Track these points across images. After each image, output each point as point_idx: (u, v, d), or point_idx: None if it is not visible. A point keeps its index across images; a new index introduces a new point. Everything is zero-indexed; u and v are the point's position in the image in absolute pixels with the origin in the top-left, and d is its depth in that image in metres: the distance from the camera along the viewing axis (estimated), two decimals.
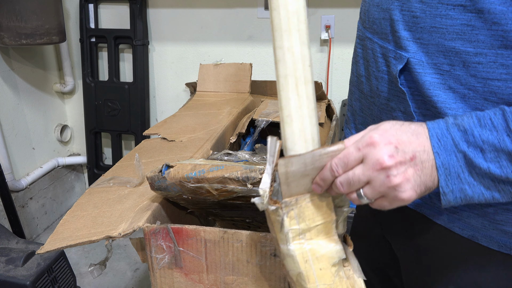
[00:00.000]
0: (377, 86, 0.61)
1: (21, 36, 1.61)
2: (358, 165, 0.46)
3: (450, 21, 0.49)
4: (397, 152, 0.45)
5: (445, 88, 0.52)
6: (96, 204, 0.82)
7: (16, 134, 1.88)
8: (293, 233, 0.51)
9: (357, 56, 0.67)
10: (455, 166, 0.46)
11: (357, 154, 0.46)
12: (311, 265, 0.51)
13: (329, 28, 1.77)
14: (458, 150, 0.45)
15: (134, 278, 1.73)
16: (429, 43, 0.51)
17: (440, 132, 0.46)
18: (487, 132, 0.45)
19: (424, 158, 0.46)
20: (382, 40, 0.58)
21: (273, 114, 1.18)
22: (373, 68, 0.61)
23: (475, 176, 0.46)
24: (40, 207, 2.03)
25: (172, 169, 0.71)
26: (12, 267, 1.23)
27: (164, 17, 1.94)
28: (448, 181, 0.46)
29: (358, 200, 0.48)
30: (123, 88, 1.96)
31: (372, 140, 0.46)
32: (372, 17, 0.60)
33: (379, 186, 0.46)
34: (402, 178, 0.45)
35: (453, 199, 0.47)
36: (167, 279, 0.72)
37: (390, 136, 0.46)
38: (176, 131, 1.12)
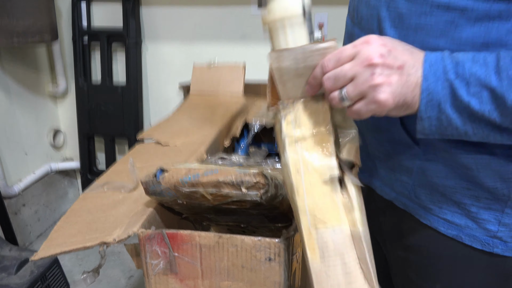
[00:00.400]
0: None
1: (12, 35, 1.59)
2: (349, 62, 0.47)
3: (435, 19, 0.50)
4: (388, 54, 0.46)
5: None
6: (90, 210, 0.81)
7: (8, 138, 1.86)
8: (289, 139, 0.51)
9: None
10: (439, 93, 0.46)
11: (351, 50, 0.47)
12: (302, 177, 0.51)
13: (322, 27, 1.77)
14: (446, 78, 0.46)
15: (128, 285, 1.72)
16: (414, 41, 0.52)
17: (434, 59, 0.47)
18: (476, 67, 0.45)
19: (411, 71, 0.47)
20: None
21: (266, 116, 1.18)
22: None
23: (454, 108, 0.46)
24: (33, 214, 2.01)
25: (166, 174, 0.70)
26: (5, 275, 1.21)
27: (158, 15, 1.93)
28: (427, 107, 0.47)
29: (340, 101, 0.48)
30: (116, 90, 1.95)
31: (368, 39, 0.47)
32: (360, 14, 0.61)
33: (362, 83, 0.46)
34: (385, 79, 0.46)
35: (427, 127, 0.48)
36: (162, 285, 0.71)
37: (387, 41, 0.47)
38: (170, 135, 1.12)
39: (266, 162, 0.90)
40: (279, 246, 0.64)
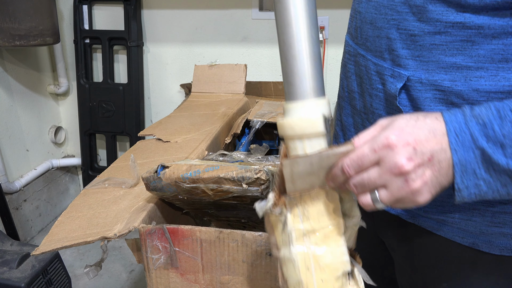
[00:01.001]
0: (371, 103, 0.60)
1: (14, 38, 1.60)
2: (373, 167, 0.44)
3: (450, 38, 0.49)
4: (415, 153, 0.43)
5: (447, 103, 0.52)
6: (91, 205, 0.82)
7: (10, 136, 1.87)
8: (297, 233, 0.47)
9: (348, 72, 0.66)
10: (472, 162, 0.43)
11: (372, 156, 0.44)
12: (312, 274, 0.47)
13: (323, 29, 1.77)
14: (477, 146, 0.43)
15: (129, 279, 1.73)
16: (429, 60, 0.51)
17: (458, 126, 0.44)
18: (508, 125, 0.42)
19: (441, 157, 0.44)
20: (377, 58, 0.58)
21: (267, 115, 1.18)
22: (366, 85, 0.61)
23: (492, 172, 0.43)
24: (34, 209, 2.01)
25: (167, 170, 0.71)
26: (6, 269, 1.22)
27: (159, 18, 1.93)
28: (463, 178, 0.44)
29: (373, 206, 0.45)
30: (117, 89, 1.96)
31: (389, 142, 0.43)
32: (365, 35, 0.60)
33: (397, 190, 0.43)
34: (421, 182, 0.43)
35: (467, 195, 0.45)
36: (163, 280, 0.72)
37: (407, 135, 0.43)
38: (171, 132, 1.12)
39: (267, 159, 0.91)
40: None
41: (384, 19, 0.55)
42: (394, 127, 0.44)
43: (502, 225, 0.55)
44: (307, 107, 0.46)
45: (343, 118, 0.70)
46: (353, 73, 0.65)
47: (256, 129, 1.14)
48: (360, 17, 0.61)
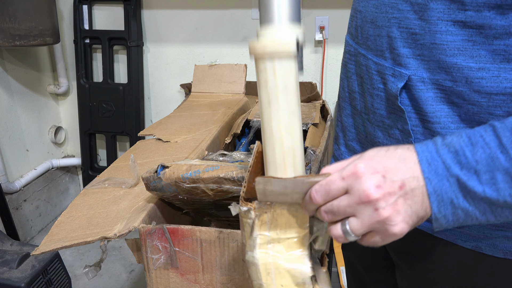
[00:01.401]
0: (372, 103, 0.60)
1: (14, 38, 1.60)
2: (343, 196, 0.43)
3: (451, 37, 0.48)
4: (384, 181, 0.42)
5: (448, 103, 0.51)
6: (91, 205, 0.82)
7: (9, 136, 1.87)
8: (262, 239, 0.48)
9: (348, 72, 0.66)
10: (448, 191, 0.42)
11: (340, 183, 0.43)
12: (272, 279, 0.48)
13: (323, 29, 1.77)
14: (451, 174, 0.42)
15: (129, 279, 1.73)
16: (430, 60, 0.51)
17: (430, 155, 0.43)
18: (479, 151, 0.41)
19: (414, 185, 0.42)
20: (378, 57, 0.57)
21: None
22: (367, 85, 0.60)
23: (469, 200, 0.42)
24: (34, 209, 2.01)
25: (167, 170, 0.71)
26: (6, 269, 1.22)
27: (159, 18, 1.94)
28: (441, 207, 0.43)
29: (345, 237, 0.44)
30: (117, 89, 1.96)
31: (356, 170, 0.42)
32: (366, 34, 0.59)
33: (367, 220, 0.42)
34: (392, 210, 0.42)
35: (445, 223, 0.44)
36: (163, 280, 0.72)
37: (376, 164, 0.43)
38: (171, 132, 1.12)
39: None
40: None
41: (385, 17, 0.55)
42: (364, 156, 0.44)
43: (506, 228, 0.55)
44: (281, 30, 0.46)
45: (344, 119, 0.69)
46: (353, 73, 0.64)
47: (256, 129, 1.14)
48: (361, 16, 0.60)
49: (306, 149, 0.98)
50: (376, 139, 0.61)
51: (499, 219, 0.43)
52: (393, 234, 0.42)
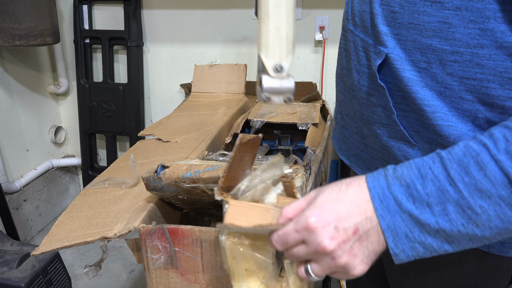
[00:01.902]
0: (358, 80, 0.60)
1: (14, 38, 1.60)
2: (301, 246, 0.45)
3: (428, 18, 0.49)
4: (337, 231, 0.42)
5: (423, 86, 0.52)
6: (91, 205, 0.82)
7: (10, 136, 1.87)
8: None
9: (341, 48, 0.67)
10: (401, 226, 0.43)
11: (295, 235, 0.44)
12: (238, 263, 0.51)
13: (323, 29, 1.77)
14: (402, 210, 0.42)
15: (129, 279, 1.73)
16: (406, 40, 0.51)
17: (381, 191, 0.43)
18: (429, 184, 0.42)
19: (367, 227, 0.43)
20: (363, 34, 0.58)
21: (267, 115, 1.18)
22: (354, 62, 0.61)
23: (425, 233, 0.42)
24: (34, 209, 2.01)
25: (167, 170, 0.71)
26: (6, 269, 1.22)
27: (159, 18, 1.94)
28: (397, 242, 0.43)
29: (308, 278, 0.46)
30: (117, 89, 1.96)
31: (308, 224, 0.43)
32: (354, 10, 0.60)
33: (328, 266, 0.44)
34: (348, 256, 0.43)
35: (406, 258, 0.44)
36: (163, 280, 0.72)
37: (326, 214, 0.43)
38: (171, 132, 1.12)
39: (267, 159, 0.91)
40: None
41: None
42: (315, 205, 0.44)
43: None
44: None
45: (339, 95, 0.71)
46: (344, 49, 0.65)
47: (256, 129, 1.14)
48: None
49: (306, 149, 0.98)
50: (363, 116, 0.62)
51: (457, 249, 0.43)
52: (354, 275, 0.44)
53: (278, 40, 0.49)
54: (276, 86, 0.52)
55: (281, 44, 0.50)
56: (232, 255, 0.51)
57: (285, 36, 0.50)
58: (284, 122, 1.14)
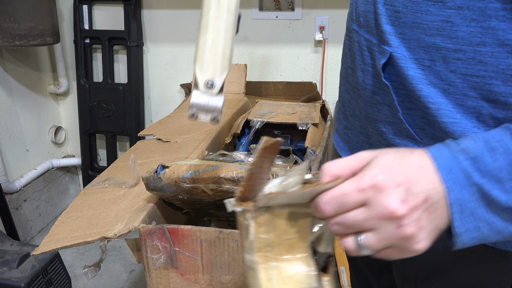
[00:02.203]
0: (363, 79, 0.61)
1: (14, 38, 1.60)
2: (359, 209, 0.39)
3: (431, 17, 0.49)
4: (408, 194, 0.37)
5: (427, 83, 0.52)
6: (91, 205, 0.82)
7: (9, 136, 1.87)
8: (260, 243, 0.43)
9: (345, 48, 0.68)
10: (469, 201, 0.39)
11: (357, 196, 0.38)
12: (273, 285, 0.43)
13: (323, 29, 1.77)
14: (471, 183, 0.39)
15: (129, 279, 1.73)
16: (410, 38, 0.52)
17: (448, 162, 0.39)
18: (499, 158, 0.39)
19: (435, 197, 0.39)
20: (368, 34, 0.58)
21: (267, 115, 1.18)
22: (359, 61, 0.62)
23: (491, 211, 0.39)
24: (34, 209, 2.01)
25: (167, 170, 0.71)
26: (6, 269, 1.22)
27: (159, 18, 1.93)
28: (463, 219, 0.39)
29: (357, 251, 0.40)
30: (117, 89, 1.96)
31: (377, 182, 0.38)
32: (359, 10, 0.61)
33: (388, 236, 0.38)
34: (416, 227, 0.38)
35: (468, 240, 0.40)
36: (163, 279, 0.72)
37: (396, 174, 0.38)
38: (171, 132, 1.12)
39: None
40: None
41: None
42: (380, 164, 0.39)
43: None
44: None
45: (343, 94, 0.71)
46: (349, 48, 0.66)
47: (256, 129, 1.14)
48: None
49: (306, 149, 0.98)
50: (369, 114, 0.62)
51: None
52: (415, 251, 0.39)
53: (213, 55, 0.49)
54: (203, 103, 0.50)
55: (216, 59, 0.49)
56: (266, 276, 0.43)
57: (221, 51, 0.49)
58: (284, 122, 1.14)
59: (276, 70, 1.91)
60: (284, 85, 1.53)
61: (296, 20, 1.81)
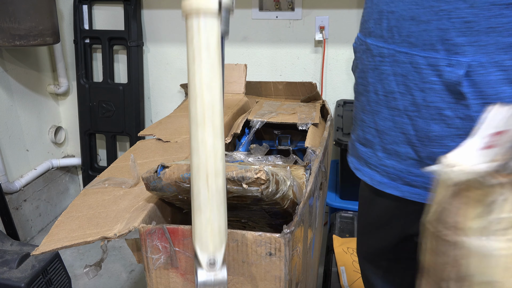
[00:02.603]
0: (423, 98, 0.61)
1: (14, 38, 1.60)
2: None
3: (505, 19, 0.52)
4: None
5: (510, 83, 0.54)
6: (91, 205, 0.82)
7: (10, 136, 1.87)
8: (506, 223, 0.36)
9: (382, 74, 0.66)
10: None
11: None
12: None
13: (323, 29, 1.77)
14: None
15: (129, 279, 1.73)
16: (487, 44, 0.53)
17: None
18: None
19: None
20: (426, 51, 0.59)
21: (267, 115, 1.18)
22: (415, 81, 0.61)
23: None
24: (34, 209, 2.01)
25: (167, 170, 0.71)
26: (6, 269, 1.22)
27: (159, 18, 1.93)
28: None
29: None
30: (117, 89, 1.96)
31: None
32: (406, 31, 0.60)
33: None
34: None
35: None
36: (163, 280, 0.72)
37: None
38: (171, 132, 1.12)
39: (267, 159, 0.91)
40: (279, 241, 0.65)
41: (430, 11, 0.57)
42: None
43: None
44: None
45: (379, 123, 0.68)
46: (390, 73, 0.64)
47: (256, 129, 1.14)
48: (395, 16, 0.61)
49: (306, 149, 0.98)
50: (431, 133, 0.62)
51: None
52: None
53: (211, 233, 0.53)
54: (210, 280, 0.55)
55: (214, 236, 0.53)
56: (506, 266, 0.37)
57: (217, 228, 0.53)
58: (284, 122, 1.14)
59: (276, 70, 1.91)
60: (284, 85, 1.53)
61: (296, 20, 1.81)
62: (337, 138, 1.49)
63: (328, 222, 1.72)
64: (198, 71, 0.52)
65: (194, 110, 0.52)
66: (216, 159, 0.53)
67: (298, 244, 0.72)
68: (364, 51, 0.69)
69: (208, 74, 0.51)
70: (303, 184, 0.83)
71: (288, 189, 0.72)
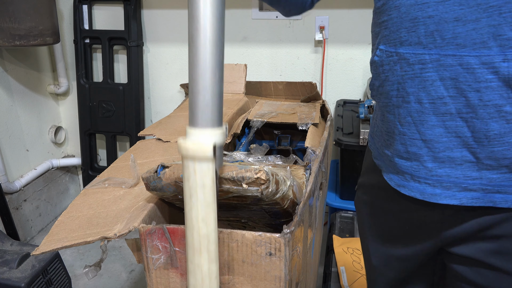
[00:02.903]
0: (479, 98, 0.60)
1: (14, 37, 1.60)
2: None
3: None
4: None
5: None
6: (91, 205, 0.82)
7: (10, 135, 1.87)
8: None
9: (426, 82, 0.64)
10: None
11: None
12: None
13: (323, 29, 1.77)
14: None
15: (129, 279, 1.73)
16: None
17: None
18: None
19: None
20: (477, 50, 0.58)
21: (267, 115, 1.18)
22: (467, 82, 0.61)
23: None
24: (34, 209, 2.01)
25: (167, 170, 0.71)
26: (6, 269, 1.22)
27: (159, 18, 1.94)
28: None
29: None
30: (117, 89, 1.96)
31: None
32: (451, 33, 0.60)
33: None
34: None
35: None
36: (163, 280, 0.72)
37: None
38: (171, 132, 1.12)
39: (267, 159, 0.91)
40: (279, 241, 0.65)
41: (478, 9, 0.56)
42: None
43: None
44: (202, 135, 0.54)
45: (426, 133, 0.67)
46: (435, 79, 0.63)
47: (256, 129, 1.14)
48: (434, 21, 0.61)
49: (306, 149, 0.98)
50: (490, 132, 0.62)
51: None
52: None
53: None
54: None
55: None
56: None
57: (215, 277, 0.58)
58: (284, 122, 1.14)
59: (276, 70, 1.91)
60: (284, 85, 1.53)
61: (296, 20, 1.81)
62: (337, 138, 1.49)
63: (328, 222, 1.72)
64: (195, 207, 0.57)
65: (190, 239, 0.57)
66: (211, 281, 0.58)
67: (298, 244, 0.72)
68: (396, 62, 0.67)
69: (204, 210, 0.56)
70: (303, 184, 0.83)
71: (288, 189, 0.72)
